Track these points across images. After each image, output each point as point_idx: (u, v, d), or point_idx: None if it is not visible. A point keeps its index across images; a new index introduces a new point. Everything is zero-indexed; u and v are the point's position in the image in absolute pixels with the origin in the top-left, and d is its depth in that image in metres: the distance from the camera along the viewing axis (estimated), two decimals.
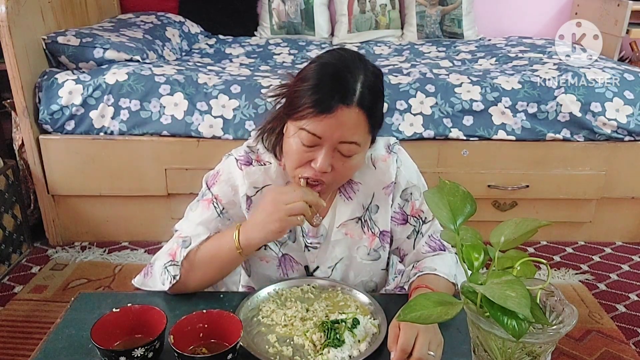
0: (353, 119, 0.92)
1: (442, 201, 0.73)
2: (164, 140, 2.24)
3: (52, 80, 2.20)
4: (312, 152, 0.95)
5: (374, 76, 0.96)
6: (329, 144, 0.94)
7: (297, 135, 0.95)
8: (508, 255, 0.72)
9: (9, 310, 1.96)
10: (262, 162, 1.08)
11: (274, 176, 1.07)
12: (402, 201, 1.11)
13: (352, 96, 0.91)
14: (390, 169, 1.09)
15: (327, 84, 0.92)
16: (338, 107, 0.91)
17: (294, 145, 0.96)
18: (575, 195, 2.37)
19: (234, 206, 1.08)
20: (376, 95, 0.97)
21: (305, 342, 0.91)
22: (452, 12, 3.05)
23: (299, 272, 1.14)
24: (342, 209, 1.10)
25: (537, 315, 0.65)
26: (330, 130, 0.92)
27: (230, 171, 1.08)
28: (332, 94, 0.91)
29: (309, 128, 0.92)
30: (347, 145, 0.94)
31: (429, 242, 1.10)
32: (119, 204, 2.37)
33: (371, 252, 1.12)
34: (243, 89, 2.21)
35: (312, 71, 0.95)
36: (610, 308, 2.03)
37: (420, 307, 0.67)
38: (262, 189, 1.07)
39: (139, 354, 0.81)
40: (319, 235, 1.11)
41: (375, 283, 1.17)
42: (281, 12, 3.09)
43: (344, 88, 0.91)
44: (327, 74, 0.93)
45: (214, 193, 1.08)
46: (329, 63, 0.95)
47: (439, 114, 2.21)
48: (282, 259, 1.12)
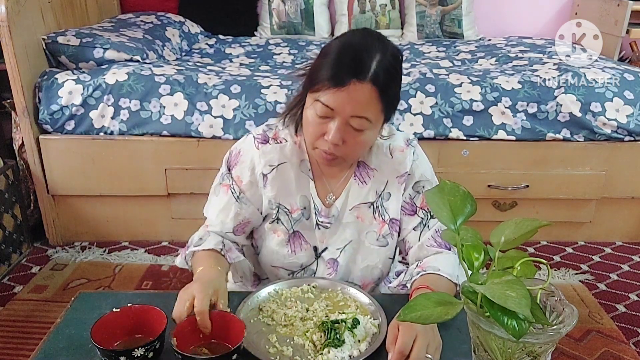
0: (365, 94, 0.97)
1: (443, 201, 0.74)
2: (164, 140, 2.24)
3: (52, 80, 2.20)
4: (326, 124, 1.00)
5: (392, 58, 1.00)
6: (341, 117, 0.98)
7: (312, 107, 1.01)
8: (508, 255, 0.72)
9: (9, 310, 1.96)
10: (279, 140, 1.13)
11: (289, 154, 1.12)
12: (413, 192, 1.14)
13: (366, 73, 0.96)
14: (406, 160, 1.13)
15: (344, 60, 0.97)
16: (351, 81, 0.95)
17: (309, 117, 1.02)
18: (575, 195, 2.37)
19: (253, 187, 1.13)
20: (391, 75, 1.01)
21: (305, 342, 0.91)
22: (452, 12, 3.05)
23: (307, 252, 1.16)
24: (355, 193, 1.14)
25: (537, 316, 0.65)
26: (343, 103, 0.97)
27: (249, 151, 1.13)
28: (347, 69, 0.96)
29: (323, 100, 0.98)
30: (358, 119, 0.99)
31: (434, 236, 1.11)
32: (119, 204, 2.37)
33: (380, 238, 1.15)
34: (243, 89, 2.21)
35: (333, 47, 1.01)
36: (610, 308, 2.03)
37: (421, 307, 0.67)
38: (277, 166, 1.12)
39: (139, 354, 0.81)
40: (331, 215, 1.14)
41: (380, 270, 1.18)
42: (281, 12, 3.09)
43: (359, 64, 0.96)
44: (345, 51, 0.99)
45: (234, 175, 1.14)
46: (351, 42, 1.01)
47: (439, 114, 2.21)
48: (292, 235, 1.15)
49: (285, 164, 1.12)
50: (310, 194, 1.13)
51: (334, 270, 1.16)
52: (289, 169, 1.12)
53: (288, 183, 1.12)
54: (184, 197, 2.32)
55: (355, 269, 1.17)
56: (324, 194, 1.14)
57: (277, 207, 1.13)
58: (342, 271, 1.17)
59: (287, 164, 1.12)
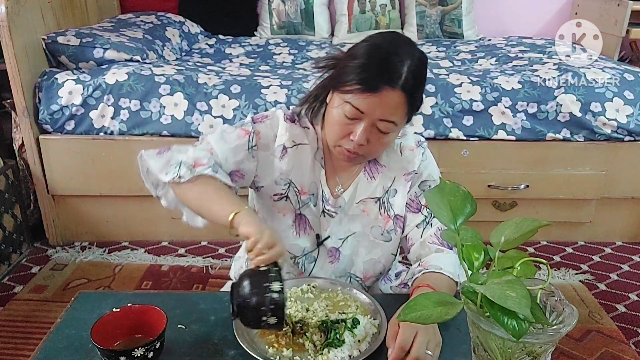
0: (395, 100, 0.99)
1: (443, 201, 0.74)
2: (164, 140, 2.23)
3: (52, 80, 2.20)
4: (352, 124, 1.02)
5: (420, 62, 1.02)
6: (369, 120, 1.00)
7: (341, 107, 1.01)
8: (508, 255, 0.72)
9: (9, 310, 1.96)
10: (303, 125, 1.15)
11: (310, 138, 1.14)
12: (419, 191, 1.15)
13: (398, 79, 0.97)
14: (415, 159, 1.15)
15: (376, 65, 0.98)
16: (384, 87, 0.97)
17: (336, 116, 1.03)
18: (575, 195, 2.37)
19: (267, 149, 1.13)
20: (419, 80, 1.03)
21: (305, 342, 0.91)
22: (452, 12, 3.05)
23: (310, 237, 1.16)
24: (363, 187, 1.15)
25: (537, 316, 0.65)
26: (373, 108, 0.99)
27: (277, 119, 1.14)
28: (379, 74, 0.97)
29: (353, 102, 0.99)
30: (385, 123, 1.01)
31: (437, 234, 1.12)
32: (119, 204, 2.37)
33: (384, 233, 1.16)
34: (243, 89, 2.21)
35: (363, 50, 1.01)
36: (610, 308, 2.03)
37: (421, 307, 0.67)
38: (298, 145, 1.13)
39: (139, 354, 0.81)
40: (337, 206, 1.15)
41: (383, 265, 1.19)
42: (281, 12, 3.09)
43: (391, 70, 0.98)
44: (376, 55, 0.99)
45: (257, 129, 1.13)
46: (380, 45, 1.01)
47: (439, 114, 2.21)
48: (298, 217, 1.16)
49: (306, 146, 1.14)
50: (320, 182, 1.15)
51: (336, 259, 1.17)
52: (308, 151, 1.14)
53: (304, 164, 1.14)
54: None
55: (358, 261, 1.18)
56: (333, 185, 1.16)
57: (289, 184, 1.14)
58: (345, 262, 1.18)
59: (308, 147, 1.14)
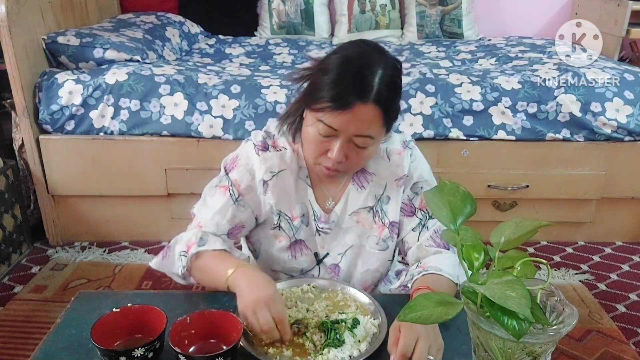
0: (369, 114, 0.96)
1: (442, 201, 0.74)
2: (164, 140, 2.24)
3: (52, 80, 2.20)
4: (328, 142, 1.00)
5: (393, 70, 0.99)
6: (344, 137, 0.98)
7: (315, 126, 0.99)
8: (508, 255, 0.72)
9: (9, 310, 1.96)
10: (278, 148, 1.12)
11: (288, 161, 1.11)
12: (412, 194, 1.14)
13: (369, 93, 0.95)
14: (404, 162, 1.13)
15: (346, 80, 0.95)
16: (355, 103, 0.94)
17: (311, 135, 1.01)
18: (575, 195, 2.37)
19: (251, 191, 1.12)
20: (393, 89, 1.00)
21: (305, 342, 0.91)
22: (452, 12, 3.05)
23: (308, 257, 1.16)
24: (354, 197, 1.14)
25: (537, 316, 0.64)
26: (346, 125, 0.96)
27: (249, 156, 1.12)
28: (350, 90, 0.94)
29: (326, 121, 0.97)
30: (362, 138, 0.99)
31: (433, 236, 1.11)
32: (119, 204, 2.37)
33: (380, 242, 1.15)
34: (243, 89, 2.21)
35: (333, 64, 0.98)
36: (610, 308, 2.03)
37: (421, 307, 0.67)
38: (278, 173, 1.11)
39: (139, 354, 0.81)
40: (331, 221, 1.14)
41: (380, 273, 1.19)
42: (281, 12, 3.09)
43: (362, 85, 0.95)
44: (346, 70, 0.96)
45: (232, 178, 1.12)
46: (350, 58, 0.98)
47: (439, 114, 2.21)
48: (293, 244, 1.15)
49: (285, 171, 1.11)
50: (309, 202, 1.13)
51: (336, 274, 1.17)
52: (288, 176, 1.11)
53: (288, 190, 1.12)
54: (184, 197, 2.32)
55: (355, 273, 1.18)
56: (323, 200, 1.14)
57: (279, 214, 1.13)
58: (343, 276, 1.17)
59: (287, 171, 1.11)
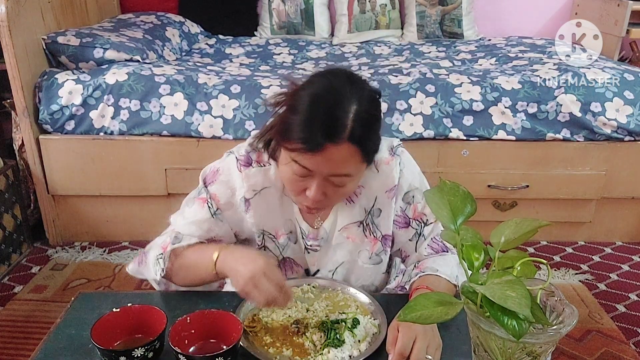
0: (343, 154, 0.90)
1: (443, 201, 0.73)
2: (164, 140, 2.24)
3: (52, 80, 2.20)
4: (305, 181, 0.95)
5: (368, 101, 0.92)
6: (319, 176, 0.93)
7: (289, 165, 0.94)
8: (508, 255, 0.72)
9: (9, 310, 1.96)
10: (262, 163, 1.06)
11: (273, 178, 1.06)
12: (404, 204, 1.10)
13: (342, 133, 0.88)
14: (393, 172, 1.07)
15: (316, 122, 0.88)
16: (327, 145, 0.88)
17: (287, 174, 0.96)
18: (575, 195, 2.37)
19: (231, 207, 1.07)
20: (370, 124, 0.92)
21: (305, 342, 0.91)
22: (452, 12, 3.05)
23: (299, 274, 1.14)
24: (344, 213, 1.09)
25: (537, 316, 0.64)
26: (320, 166, 0.91)
27: (230, 172, 1.06)
28: (320, 132, 0.88)
29: (300, 161, 0.91)
30: (338, 177, 0.94)
31: (431, 244, 1.10)
32: (119, 204, 2.37)
33: (373, 257, 1.11)
34: (243, 89, 2.21)
35: (303, 103, 0.90)
36: (610, 308, 2.03)
37: (421, 307, 0.67)
38: (260, 191, 1.06)
39: (139, 354, 0.81)
40: (320, 238, 1.10)
41: (375, 287, 1.17)
42: (281, 12, 3.08)
43: (334, 125, 0.88)
44: (316, 110, 0.89)
45: (211, 192, 1.07)
46: (319, 95, 0.91)
47: (439, 114, 2.21)
48: (282, 262, 1.12)
49: (269, 189, 1.06)
50: (296, 219, 1.09)
51: None
52: (273, 193, 1.07)
53: (272, 207, 1.07)
54: (184, 197, 2.29)
55: None
56: (311, 216, 1.09)
57: (262, 234, 1.09)
58: None
59: (271, 189, 1.06)
